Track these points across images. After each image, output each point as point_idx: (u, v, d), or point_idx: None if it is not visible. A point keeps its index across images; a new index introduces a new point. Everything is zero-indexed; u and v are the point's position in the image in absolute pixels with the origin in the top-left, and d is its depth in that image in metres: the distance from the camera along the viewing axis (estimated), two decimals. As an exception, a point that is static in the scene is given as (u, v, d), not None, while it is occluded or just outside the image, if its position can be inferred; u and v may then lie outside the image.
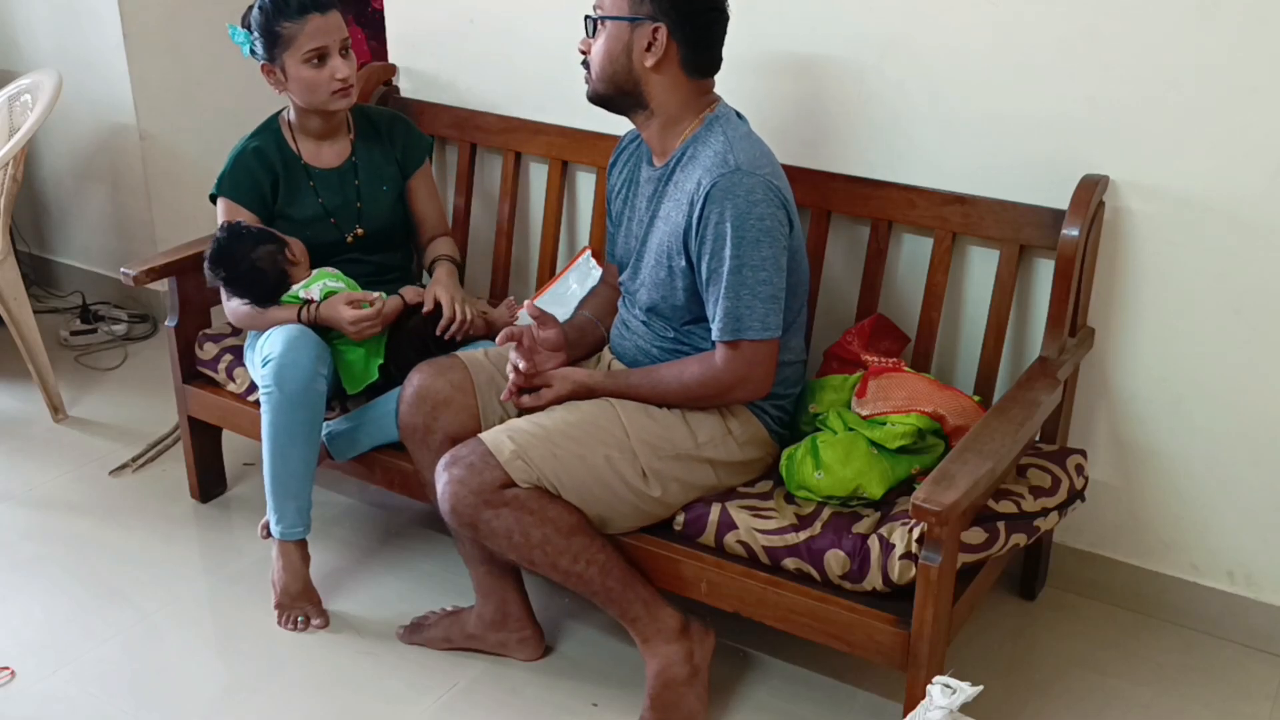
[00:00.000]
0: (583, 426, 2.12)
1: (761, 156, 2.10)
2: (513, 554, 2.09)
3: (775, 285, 2.06)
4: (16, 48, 3.74)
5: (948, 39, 2.32)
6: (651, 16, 2.05)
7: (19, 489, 2.93)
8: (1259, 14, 2.05)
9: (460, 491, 2.05)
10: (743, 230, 2.02)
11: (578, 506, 2.09)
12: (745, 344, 2.06)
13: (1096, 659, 2.35)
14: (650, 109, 2.14)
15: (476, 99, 2.91)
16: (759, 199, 2.02)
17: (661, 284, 2.17)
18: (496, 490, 2.04)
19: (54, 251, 4.02)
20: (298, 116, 2.54)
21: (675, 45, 2.07)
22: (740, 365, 2.08)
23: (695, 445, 2.15)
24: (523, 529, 2.05)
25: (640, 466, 2.10)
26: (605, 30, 2.10)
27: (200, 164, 3.70)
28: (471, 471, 2.05)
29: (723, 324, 2.06)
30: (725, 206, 2.02)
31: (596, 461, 2.08)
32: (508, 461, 2.04)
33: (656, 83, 2.10)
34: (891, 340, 2.37)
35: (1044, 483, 2.13)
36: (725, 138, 2.08)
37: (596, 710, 2.22)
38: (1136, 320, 2.32)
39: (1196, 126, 2.15)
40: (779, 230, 2.05)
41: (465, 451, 2.08)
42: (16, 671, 2.31)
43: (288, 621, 2.44)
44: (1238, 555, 2.35)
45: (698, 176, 2.07)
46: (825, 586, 2.02)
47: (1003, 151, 2.33)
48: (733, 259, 2.02)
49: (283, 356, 2.33)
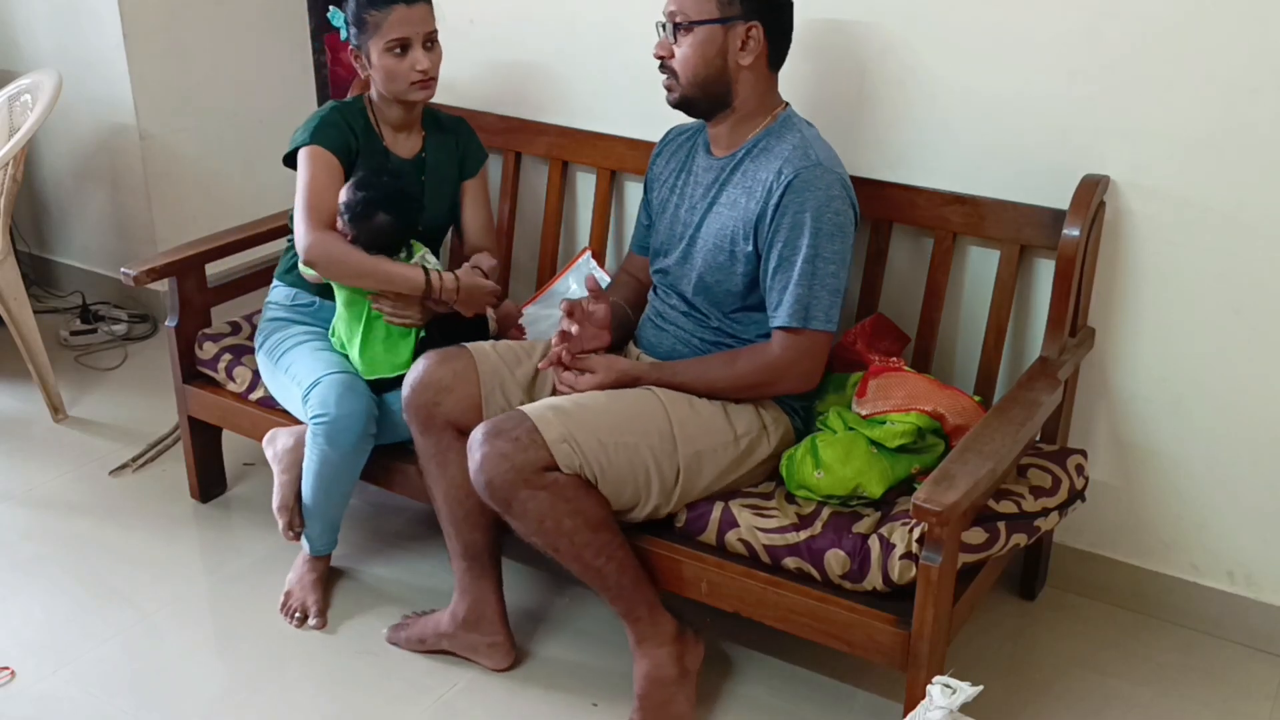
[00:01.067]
0: (629, 416, 2.10)
1: (836, 159, 2.16)
2: (538, 539, 2.06)
3: (841, 280, 2.10)
4: (16, 48, 3.74)
5: (948, 39, 2.32)
6: (744, 16, 2.09)
7: (19, 489, 2.93)
8: (1259, 14, 2.05)
9: (502, 466, 2.00)
10: (820, 222, 2.06)
11: (609, 498, 2.07)
12: (808, 333, 2.10)
13: (1096, 659, 2.36)
14: (733, 106, 2.17)
15: (477, 99, 2.91)
16: (836, 194, 2.08)
17: (720, 268, 2.18)
18: (538, 471, 2.01)
19: (54, 251, 4.02)
20: (380, 104, 2.54)
21: (766, 42, 2.12)
22: (798, 353, 2.11)
23: (734, 438, 2.15)
24: (555, 517, 2.02)
25: (678, 461, 2.10)
26: (694, 35, 2.11)
27: (200, 164, 3.71)
28: (516, 447, 2.00)
29: (791, 310, 2.09)
30: (805, 197, 2.06)
31: (641, 453, 2.07)
32: (554, 443, 2.01)
33: (745, 80, 2.14)
34: (892, 340, 2.37)
35: (1044, 483, 2.13)
36: (803, 135, 2.14)
37: (596, 710, 2.22)
38: (1136, 320, 2.32)
39: (1196, 126, 2.15)
40: (850, 228, 2.11)
41: (509, 425, 2.03)
42: (16, 671, 2.31)
43: (287, 612, 2.45)
44: (1238, 555, 2.35)
45: (777, 166, 2.10)
46: (825, 586, 2.02)
47: (1003, 151, 2.33)
48: (808, 248, 2.06)
49: (337, 420, 2.31)
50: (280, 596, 2.50)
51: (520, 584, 2.55)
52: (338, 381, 2.34)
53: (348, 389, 2.34)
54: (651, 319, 2.34)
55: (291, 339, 2.51)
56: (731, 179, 2.18)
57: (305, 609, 2.44)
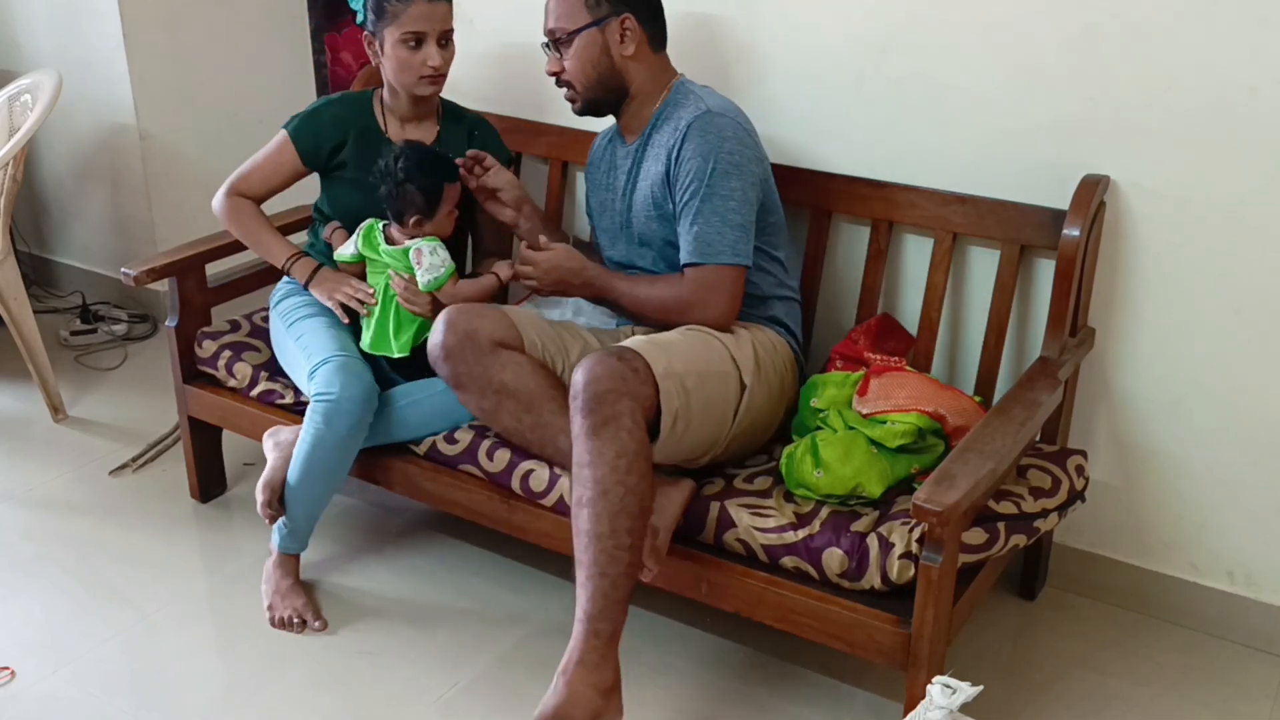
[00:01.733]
0: (696, 345, 2.13)
1: (732, 107, 2.26)
2: (602, 469, 1.93)
3: (744, 215, 2.19)
4: (16, 48, 3.74)
5: (948, 39, 2.32)
6: (614, 12, 2.24)
7: (19, 489, 2.93)
8: (1259, 14, 2.05)
9: (618, 388, 1.95)
10: (716, 162, 2.17)
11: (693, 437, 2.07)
12: (710, 267, 2.17)
13: (1096, 659, 2.36)
14: (631, 94, 2.31)
15: (477, 99, 2.91)
16: (729, 135, 2.19)
17: (655, 231, 2.30)
18: (645, 410, 1.98)
19: (54, 251, 4.02)
20: (389, 94, 2.57)
21: (642, 28, 2.26)
22: (704, 288, 2.19)
23: (762, 348, 2.21)
24: (627, 464, 1.93)
25: (744, 380, 2.15)
26: (575, 44, 2.26)
27: (200, 164, 3.71)
28: (637, 379, 1.98)
29: (692, 247, 2.18)
30: (698, 142, 2.18)
31: (728, 379, 2.12)
32: (661, 377, 2.00)
33: (634, 69, 2.29)
34: (897, 340, 2.37)
35: (1044, 484, 2.13)
36: (696, 94, 2.27)
37: (597, 710, 2.22)
38: (1136, 320, 2.32)
39: (1196, 126, 2.15)
40: (749, 166, 2.20)
41: (629, 354, 2.01)
42: (16, 671, 2.31)
43: (283, 625, 2.44)
44: (1238, 555, 2.35)
45: (674, 126, 2.24)
46: (824, 585, 2.02)
47: (1003, 151, 2.33)
48: (706, 188, 2.17)
49: (340, 401, 2.32)
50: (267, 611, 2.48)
51: (520, 582, 2.55)
52: (345, 364, 2.36)
53: (355, 374, 2.35)
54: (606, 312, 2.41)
55: (306, 307, 2.54)
56: (645, 155, 2.31)
57: (300, 615, 2.44)
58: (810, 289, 2.54)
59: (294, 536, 2.47)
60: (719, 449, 2.17)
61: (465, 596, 2.53)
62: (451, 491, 2.38)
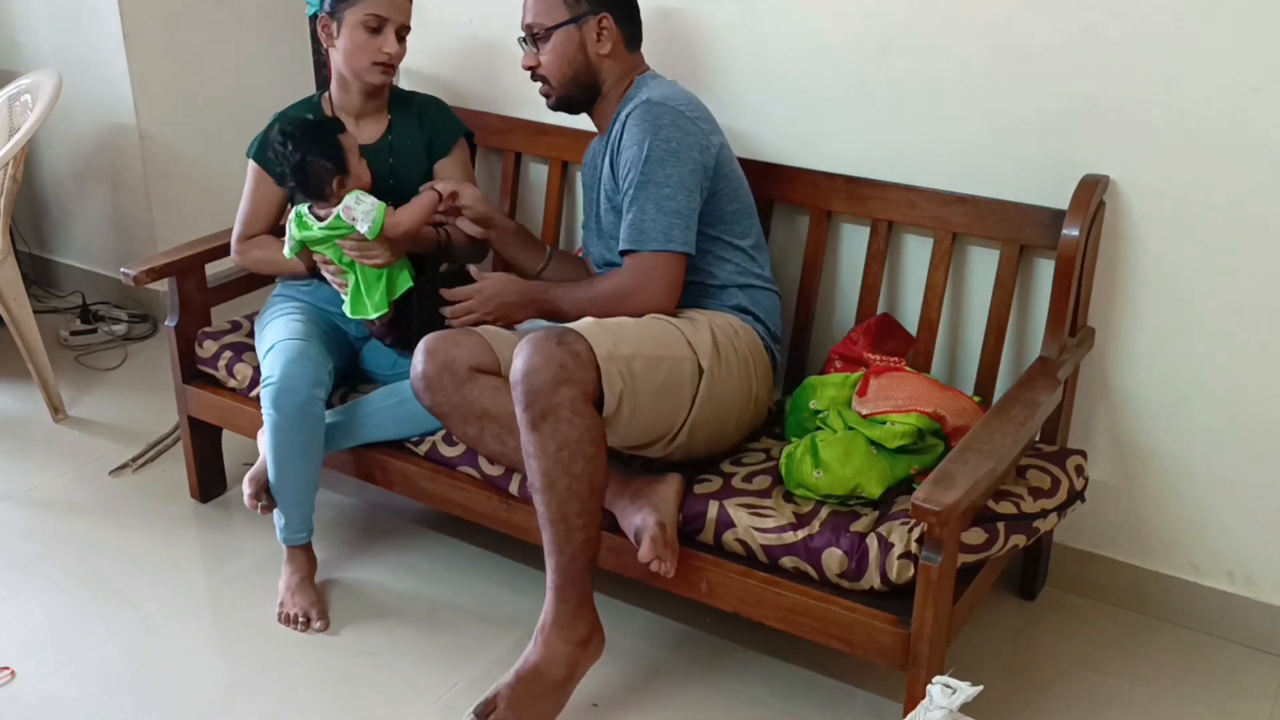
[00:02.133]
0: (651, 328, 2.12)
1: (679, 96, 2.26)
2: (545, 462, 1.99)
3: (679, 202, 2.17)
4: (16, 48, 3.74)
5: (947, 39, 2.32)
6: (592, 10, 2.26)
7: (19, 489, 2.93)
8: (1259, 14, 2.05)
9: (555, 375, 1.95)
10: (651, 150, 2.17)
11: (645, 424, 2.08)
12: (644, 255, 2.17)
13: (1096, 659, 2.36)
14: (603, 91, 2.33)
15: (476, 99, 2.91)
16: (665, 123, 2.18)
17: (615, 225, 2.28)
18: (585, 398, 1.97)
19: (54, 251, 4.02)
20: (338, 92, 2.57)
21: (619, 28, 2.28)
22: (641, 275, 2.18)
23: (721, 332, 2.19)
24: (571, 454, 1.97)
25: (701, 364, 2.13)
26: (552, 40, 2.28)
27: (200, 164, 3.71)
28: (577, 363, 1.96)
29: (626, 234, 2.19)
30: (635, 130, 2.19)
31: (680, 364, 2.10)
32: (604, 360, 1.98)
33: (608, 67, 2.31)
34: (897, 340, 2.37)
35: (1043, 484, 2.13)
36: (647, 86, 2.29)
37: (596, 710, 2.22)
38: (1136, 320, 2.32)
39: (1196, 126, 2.15)
40: (687, 153, 2.18)
41: (571, 337, 1.99)
42: (16, 671, 2.31)
43: (287, 621, 2.44)
44: (1238, 555, 2.35)
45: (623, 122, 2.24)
46: (823, 585, 2.02)
47: (1003, 151, 2.33)
48: (640, 175, 2.17)
49: (281, 381, 2.35)
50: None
51: (520, 582, 2.55)
52: (287, 347, 2.41)
53: (296, 355, 2.39)
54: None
55: (277, 311, 2.58)
56: (607, 150, 2.30)
57: (306, 614, 2.44)
58: (810, 289, 2.54)
59: (289, 527, 2.48)
60: (681, 436, 2.15)
61: (465, 596, 2.53)
62: (451, 492, 2.38)
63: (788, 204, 2.55)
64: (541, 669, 2.08)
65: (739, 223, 2.31)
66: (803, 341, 2.56)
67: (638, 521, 2.08)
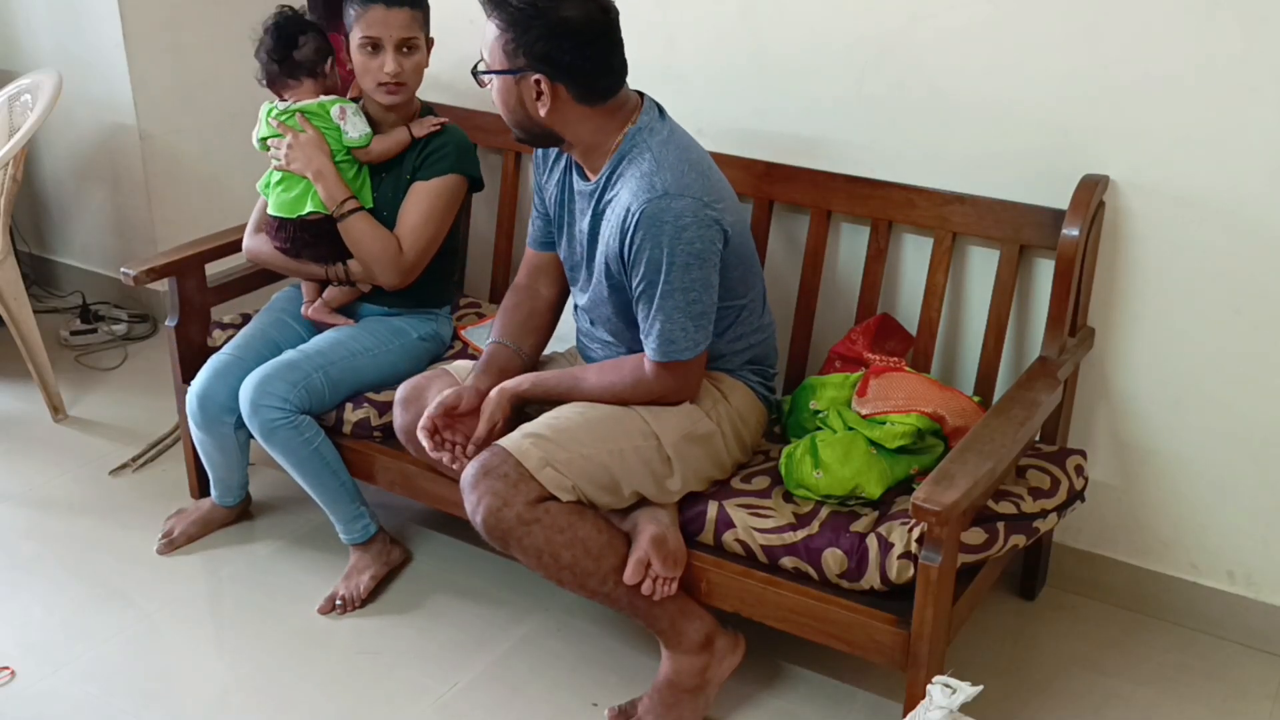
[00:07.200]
0: (605, 423, 2.11)
1: (689, 170, 2.04)
2: (541, 572, 2.07)
3: (705, 303, 2.07)
4: (16, 48, 3.74)
5: (947, 39, 2.32)
6: (528, 68, 2.00)
7: (19, 489, 2.93)
8: (1259, 14, 2.05)
9: (494, 505, 2.01)
10: (673, 256, 2.00)
11: (611, 503, 2.09)
12: (676, 364, 2.10)
13: (1096, 659, 2.36)
14: (568, 142, 2.11)
15: (476, 99, 2.90)
16: (688, 223, 2.00)
17: (605, 301, 2.18)
18: (531, 505, 2.02)
19: (54, 251, 4.02)
20: (365, 100, 2.59)
21: (561, 88, 2.01)
22: (672, 382, 2.13)
23: (703, 413, 2.16)
24: (552, 550, 2.03)
25: (665, 451, 2.10)
26: (494, 83, 2.06)
27: (200, 164, 3.71)
28: (506, 483, 2.01)
29: (656, 345, 2.08)
30: (654, 232, 2.00)
31: (628, 456, 2.08)
32: (537, 469, 2.02)
33: (561, 123, 2.06)
34: (897, 340, 2.37)
35: (1043, 484, 2.13)
36: (651, 156, 2.04)
37: (596, 710, 2.22)
38: (1136, 320, 2.32)
39: (1196, 126, 2.15)
40: (709, 250, 2.04)
41: (495, 462, 2.03)
42: (16, 671, 2.31)
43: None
44: (1238, 555, 2.35)
45: (627, 202, 2.03)
46: (823, 585, 2.02)
47: (1003, 151, 2.33)
48: (665, 284, 2.02)
49: (192, 395, 2.53)
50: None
51: (520, 582, 2.55)
52: (213, 362, 2.54)
53: (216, 371, 2.52)
54: (583, 340, 2.35)
55: (259, 316, 2.70)
56: (602, 211, 2.12)
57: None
58: (810, 289, 2.54)
59: (216, 486, 2.70)
60: (663, 495, 2.14)
61: (465, 596, 2.54)
62: (450, 491, 2.38)
63: (788, 204, 2.55)
64: (671, 681, 2.16)
65: (744, 282, 2.21)
66: (803, 341, 2.56)
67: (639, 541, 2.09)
